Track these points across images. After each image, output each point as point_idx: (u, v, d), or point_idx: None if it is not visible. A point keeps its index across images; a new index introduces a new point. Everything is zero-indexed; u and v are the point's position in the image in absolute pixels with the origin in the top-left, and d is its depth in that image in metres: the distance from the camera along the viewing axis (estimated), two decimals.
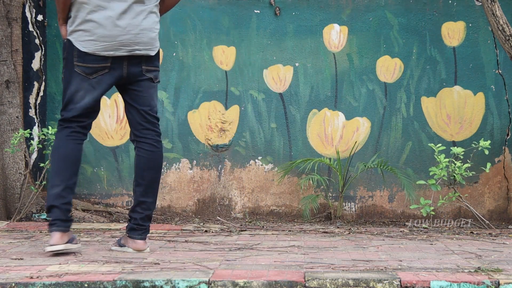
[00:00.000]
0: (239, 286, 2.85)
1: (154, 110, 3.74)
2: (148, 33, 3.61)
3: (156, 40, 3.67)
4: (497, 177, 5.50)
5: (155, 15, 3.66)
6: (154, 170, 3.70)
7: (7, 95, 5.26)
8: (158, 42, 3.68)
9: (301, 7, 5.55)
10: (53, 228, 3.53)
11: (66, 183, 3.56)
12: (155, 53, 3.67)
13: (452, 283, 2.86)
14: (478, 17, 5.49)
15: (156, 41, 3.67)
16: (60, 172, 3.59)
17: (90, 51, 3.55)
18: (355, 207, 5.55)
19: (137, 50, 3.60)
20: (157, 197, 3.75)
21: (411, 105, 5.55)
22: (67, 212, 3.56)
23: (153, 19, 3.65)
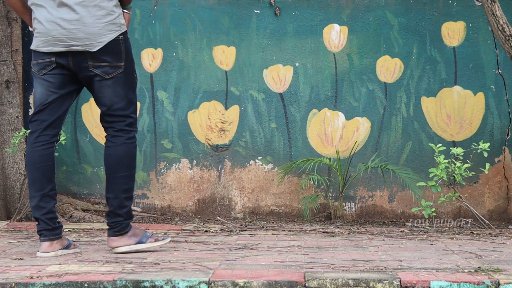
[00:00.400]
0: (239, 286, 2.85)
1: (113, 108, 3.59)
2: (84, 29, 3.50)
3: (101, 35, 3.50)
4: (497, 177, 5.50)
5: (98, 8, 3.50)
6: (109, 166, 3.61)
7: (7, 95, 5.26)
8: (105, 36, 3.51)
9: (301, 7, 5.55)
10: (41, 238, 3.58)
11: (42, 192, 3.55)
12: (98, 48, 3.52)
13: (452, 283, 2.86)
14: (478, 17, 5.49)
15: (100, 36, 3.51)
16: (34, 182, 3.57)
17: (34, 48, 3.59)
18: (355, 207, 5.55)
19: (74, 46, 3.52)
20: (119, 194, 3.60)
21: (411, 105, 5.55)
22: (51, 220, 3.55)
23: (94, 13, 3.50)
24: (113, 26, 3.55)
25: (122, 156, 3.61)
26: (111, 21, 3.54)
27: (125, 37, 3.61)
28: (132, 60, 3.67)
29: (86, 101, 5.64)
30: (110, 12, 3.54)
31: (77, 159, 5.63)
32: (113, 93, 3.58)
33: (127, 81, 3.62)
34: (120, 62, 3.57)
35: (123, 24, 3.60)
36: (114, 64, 3.56)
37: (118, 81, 3.58)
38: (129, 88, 3.63)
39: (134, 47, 5.57)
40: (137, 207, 5.60)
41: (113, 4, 3.55)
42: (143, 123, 5.61)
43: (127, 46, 3.63)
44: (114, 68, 3.56)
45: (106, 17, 3.53)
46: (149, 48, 5.62)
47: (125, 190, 3.62)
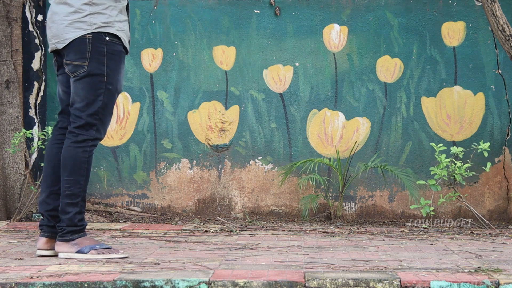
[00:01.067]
0: (239, 286, 2.85)
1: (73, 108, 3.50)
2: (55, 26, 3.50)
3: (66, 33, 3.45)
4: (497, 177, 5.50)
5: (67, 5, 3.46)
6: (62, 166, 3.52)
7: (7, 95, 5.26)
8: (70, 34, 3.44)
9: (301, 7, 5.55)
10: (40, 233, 3.57)
11: (50, 189, 3.55)
12: (63, 46, 3.46)
13: (452, 283, 2.86)
14: (478, 17, 5.49)
15: (66, 34, 3.45)
16: (46, 177, 3.58)
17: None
18: (355, 207, 5.55)
19: (52, 44, 3.55)
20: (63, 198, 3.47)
21: (411, 105, 5.55)
22: (54, 218, 3.54)
23: (62, 10, 3.47)
24: (81, 24, 3.45)
25: (66, 158, 3.48)
26: (78, 19, 3.45)
27: (96, 38, 3.46)
28: (104, 63, 3.47)
29: None
30: (78, 10, 3.46)
31: None
32: (74, 92, 3.49)
33: (91, 82, 3.46)
34: (83, 62, 3.45)
35: (94, 24, 3.46)
36: (76, 62, 3.47)
37: (80, 80, 3.47)
38: (91, 89, 3.46)
39: (134, 47, 5.58)
40: (137, 207, 5.61)
41: (84, 2, 3.46)
42: (143, 123, 5.62)
43: (97, 47, 3.46)
44: (76, 67, 3.47)
45: (74, 14, 3.46)
46: (149, 48, 5.62)
47: (68, 195, 3.47)
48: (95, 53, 3.45)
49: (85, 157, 3.49)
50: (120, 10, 3.55)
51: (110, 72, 3.49)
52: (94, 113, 3.47)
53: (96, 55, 3.45)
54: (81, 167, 3.49)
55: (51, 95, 5.63)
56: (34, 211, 5.17)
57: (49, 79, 5.63)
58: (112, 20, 3.50)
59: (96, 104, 3.47)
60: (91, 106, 3.47)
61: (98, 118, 3.49)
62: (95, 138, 3.50)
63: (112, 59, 3.49)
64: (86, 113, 3.46)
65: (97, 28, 3.46)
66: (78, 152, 3.48)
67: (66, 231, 3.47)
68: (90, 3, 3.47)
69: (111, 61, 3.49)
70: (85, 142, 3.48)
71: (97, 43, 3.45)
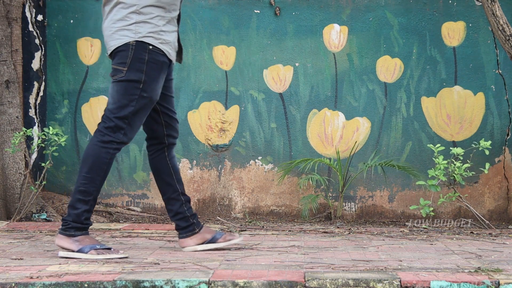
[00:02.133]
0: (239, 286, 2.85)
1: (106, 108, 3.56)
2: (105, 33, 3.59)
3: (112, 39, 3.53)
4: (497, 177, 5.50)
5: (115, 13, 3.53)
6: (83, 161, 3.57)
7: (7, 95, 5.26)
8: (116, 40, 3.52)
9: (301, 7, 5.55)
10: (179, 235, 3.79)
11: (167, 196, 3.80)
12: (110, 52, 3.56)
13: (452, 283, 2.86)
14: (478, 17, 5.49)
15: (112, 40, 3.53)
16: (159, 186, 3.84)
17: None
18: (355, 207, 5.55)
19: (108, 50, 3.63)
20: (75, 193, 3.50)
21: (411, 105, 5.55)
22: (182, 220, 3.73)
23: (111, 17, 3.54)
24: (127, 32, 3.52)
25: (89, 155, 3.51)
26: (124, 27, 3.52)
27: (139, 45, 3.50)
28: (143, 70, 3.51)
29: (86, 101, 5.64)
30: (125, 17, 3.52)
31: (77, 159, 5.63)
32: (110, 93, 3.57)
33: (127, 87, 3.51)
34: (122, 67, 3.52)
35: (139, 33, 3.51)
36: (117, 67, 3.54)
37: (117, 83, 3.54)
38: (125, 94, 3.51)
39: None
40: (137, 207, 5.61)
41: (131, 11, 3.51)
42: None
43: (139, 55, 3.50)
44: (116, 70, 3.54)
45: (120, 22, 3.52)
46: None
47: (81, 191, 3.49)
48: (136, 60, 3.51)
49: (107, 159, 3.52)
50: (168, 21, 3.59)
51: (147, 80, 3.52)
52: (124, 117, 3.51)
53: (136, 62, 3.51)
54: (101, 167, 3.51)
55: (51, 95, 5.63)
56: (34, 211, 5.17)
57: (49, 79, 5.63)
58: (159, 30, 3.55)
59: (128, 109, 3.51)
60: (122, 109, 3.51)
61: (127, 122, 3.52)
62: (120, 141, 3.53)
63: (152, 68, 3.53)
64: (116, 115, 3.51)
65: (142, 37, 3.51)
66: (102, 152, 3.51)
67: (70, 226, 3.49)
68: (138, 11, 3.52)
69: (151, 69, 3.53)
70: (110, 144, 3.51)
71: (139, 50, 3.51)
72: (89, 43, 5.64)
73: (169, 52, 3.58)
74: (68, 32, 5.64)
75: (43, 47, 5.57)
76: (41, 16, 5.57)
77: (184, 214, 3.72)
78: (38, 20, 5.55)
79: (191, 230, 3.72)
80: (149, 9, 3.52)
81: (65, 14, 5.63)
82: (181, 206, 3.72)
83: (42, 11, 5.57)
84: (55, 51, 5.64)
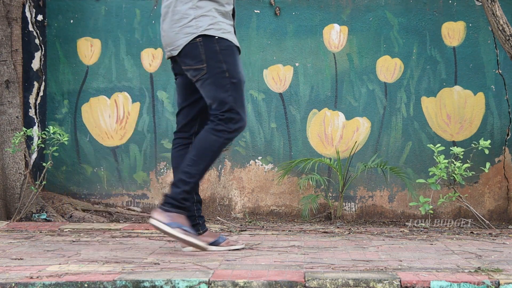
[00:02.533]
0: (239, 286, 2.85)
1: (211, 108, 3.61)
2: (166, 34, 3.63)
3: (178, 39, 3.58)
4: (497, 177, 5.50)
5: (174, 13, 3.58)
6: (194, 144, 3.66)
7: (7, 95, 5.26)
8: (181, 40, 3.56)
9: (301, 7, 5.55)
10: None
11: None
12: (178, 52, 3.59)
13: (452, 283, 2.86)
14: (478, 17, 5.49)
15: (177, 40, 3.57)
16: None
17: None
18: (355, 207, 5.55)
19: (167, 52, 3.68)
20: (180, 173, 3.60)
21: (411, 105, 5.55)
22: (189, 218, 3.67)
23: (171, 17, 3.59)
24: (188, 29, 3.56)
25: (201, 139, 3.59)
26: (185, 25, 3.56)
27: (205, 39, 3.54)
28: (221, 60, 3.55)
29: (86, 101, 5.64)
30: (184, 15, 3.56)
31: (77, 159, 5.63)
32: (205, 95, 3.62)
33: (215, 82, 3.56)
34: (200, 64, 3.56)
35: (200, 27, 3.54)
36: (195, 66, 3.58)
37: (204, 82, 3.58)
38: (218, 88, 3.56)
39: (134, 47, 5.59)
40: (137, 207, 5.61)
41: (188, 7, 3.56)
42: (143, 123, 5.62)
43: (210, 47, 3.55)
44: (196, 70, 3.58)
45: (181, 21, 3.57)
46: (149, 48, 5.62)
47: (185, 172, 3.58)
48: (210, 53, 3.55)
49: (216, 147, 3.59)
50: (223, 14, 3.63)
51: (229, 67, 3.57)
52: (229, 109, 3.57)
53: (211, 55, 3.55)
54: (207, 154, 3.58)
55: (51, 95, 5.63)
56: (34, 211, 5.17)
57: (49, 79, 5.63)
58: (218, 21, 3.59)
59: (228, 100, 3.57)
60: (224, 104, 3.56)
61: (234, 111, 3.58)
62: (234, 130, 3.60)
63: (227, 54, 3.58)
64: (221, 111, 3.57)
65: (204, 30, 3.55)
66: (213, 139, 3.58)
67: (167, 201, 3.58)
68: (194, 6, 3.56)
69: (227, 56, 3.58)
70: (221, 132, 3.59)
71: (208, 43, 3.55)
72: (89, 43, 5.64)
73: (233, 40, 3.62)
74: (68, 32, 5.64)
75: (43, 47, 5.57)
76: (41, 16, 5.57)
77: (192, 212, 3.73)
78: (38, 20, 5.55)
79: (196, 230, 3.72)
80: (204, 3, 3.57)
81: (65, 14, 5.63)
82: (192, 204, 3.73)
83: (42, 11, 5.57)
84: (55, 51, 5.64)
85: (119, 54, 5.63)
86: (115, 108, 5.62)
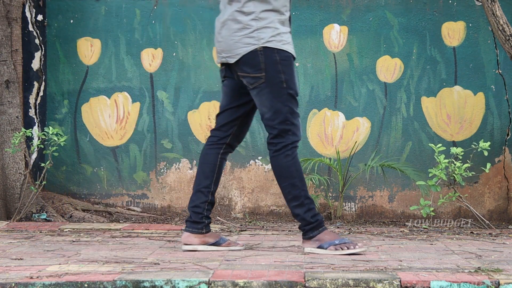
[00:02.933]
0: (239, 286, 2.85)
1: (264, 118, 3.65)
2: (224, 41, 3.66)
3: (237, 48, 3.61)
4: (497, 177, 5.50)
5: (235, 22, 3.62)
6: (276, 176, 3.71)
7: (7, 95, 5.26)
8: (240, 49, 3.60)
9: (301, 7, 5.55)
10: (183, 228, 3.82)
11: (196, 187, 3.75)
12: (235, 60, 3.62)
13: (452, 283, 2.86)
14: (478, 17, 5.49)
15: (236, 49, 3.61)
16: (196, 177, 3.80)
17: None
18: (355, 207, 5.55)
19: (222, 58, 3.69)
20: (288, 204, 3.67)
21: (411, 105, 5.55)
22: (196, 214, 3.72)
23: (232, 26, 3.63)
24: (250, 39, 3.59)
25: (274, 167, 3.67)
26: (247, 35, 3.60)
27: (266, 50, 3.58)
28: (280, 71, 3.58)
29: (86, 101, 5.64)
30: (246, 25, 3.60)
31: (77, 159, 5.63)
32: (260, 103, 3.64)
33: (273, 91, 3.59)
34: (259, 73, 3.58)
35: (262, 38, 3.57)
36: (254, 75, 3.60)
37: (262, 91, 3.60)
38: (275, 98, 3.58)
39: (134, 47, 5.59)
40: (137, 207, 5.61)
41: (251, 18, 3.59)
42: (143, 123, 5.62)
43: (270, 57, 3.58)
44: (254, 78, 3.60)
45: (242, 30, 3.60)
46: (149, 48, 5.62)
47: (291, 199, 3.63)
48: (270, 62, 3.59)
49: (289, 161, 3.64)
50: (283, 22, 3.66)
51: (287, 78, 3.61)
52: (284, 120, 3.61)
53: (271, 65, 3.59)
54: (289, 171, 3.64)
55: (51, 95, 5.63)
56: (34, 211, 5.17)
57: (49, 79, 5.63)
58: (279, 32, 3.63)
59: (284, 111, 3.60)
60: (279, 114, 3.60)
61: (289, 123, 3.62)
62: (292, 142, 3.64)
63: (285, 65, 3.61)
64: (276, 122, 3.61)
65: (265, 42, 3.59)
66: (281, 159, 3.65)
67: (305, 230, 3.64)
68: (257, 18, 3.60)
69: (285, 67, 3.61)
70: (284, 149, 3.64)
71: (268, 53, 3.59)
72: (89, 43, 5.64)
73: (292, 51, 3.67)
74: (68, 32, 5.64)
75: (43, 47, 5.57)
76: (41, 16, 5.57)
77: (201, 210, 3.75)
78: (38, 20, 5.55)
79: (198, 228, 3.73)
80: (266, 14, 3.61)
81: (65, 14, 5.63)
82: (204, 203, 3.75)
83: (42, 11, 5.57)
84: (55, 51, 5.64)
85: (119, 54, 5.63)
86: (115, 108, 5.62)
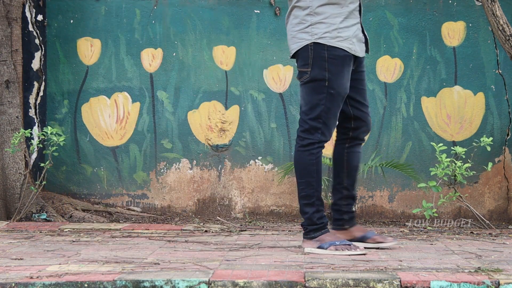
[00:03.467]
0: (239, 286, 2.85)
1: (301, 110, 3.68)
2: (288, 36, 3.73)
3: (292, 43, 3.67)
4: (497, 177, 5.50)
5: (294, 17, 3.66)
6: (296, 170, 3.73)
7: (7, 95, 5.26)
8: (295, 44, 3.65)
9: None
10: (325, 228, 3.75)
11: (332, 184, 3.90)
12: (292, 54, 3.71)
13: (452, 283, 2.86)
14: (478, 17, 5.49)
15: (292, 44, 3.68)
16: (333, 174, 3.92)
17: None
18: (355, 207, 5.54)
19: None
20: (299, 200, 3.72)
21: (411, 105, 5.55)
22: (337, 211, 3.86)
23: (291, 20, 3.67)
24: (304, 34, 3.62)
25: (296, 161, 3.68)
26: (302, 30, 3.63)
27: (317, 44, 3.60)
28: (325, 68, 3.60)
29: (86, 101, 5.64)
30: (301, 21, 3.63)
31: (77, 159, 5.63)
32: (301, 96, 3.69)
33: (314, 87, 3.61)
34: (306, 68, 3.63)
35: (315, 34, 3.59)
36: (302, 69, 3.67)
37: (305, 85, 3.65)
38: (314, 94, 3.61)
39: (134, 47, 5.59)
40: (137, 207, 5.61)
41: (306, 13, 3.61)
42: (143, 123, 5.62)
43: (318, 53, 3.60)
44: (301, 73, 3.67)
45: (298, 25, 3.64)
46: (149, 48, 5.62)
47: (303, 196, 3.67)
48: (317, 59, 3.61)
49: (313, 160, 3.65)
50: (346, 16, 3.64)
51: (331, 77, 3.61)
52: (317, 117, 3.62)
53: (318, 61, 3.61)
54: (310, 169, 3.66)
55: (51, 95, 5.63)
56: (34, 211, 5.17)
57: (49, 79, 5.63)
58: (335, 28, 3.61)
59: (319, 108, 3.62)
60: (314, 110, 3.62)
61: (321, 121, 3.63)
62: (320, 141, 3.65)
63: (333, 64, 3.61)
64: (309, 117, 3.63)
65: (318, 38, 3.60)
66: (305, 155, 3.65)
67: (308, 230, 3.67)
68: (312, 13, 3.61)
69: (333, 66, 3.61)
70: (310, 146, 3.65)
71: (318, 49, 3.61)
72: (89, 43, 5.64)
73: (349, 47, 3.63)
74: (68, 32, 5.64)
75: (43, 47, 5.57)
76: (41, 16, 5.57)
77: (338, 207, 3.82)
78: (38, 20, 5.55)
79: (340, 224, 3.82)
80: (323, 9, 3.60)
81: (65, 14, 5.63)
82: (340, 199, 3.81)
83: (42, 11, 5.57)
84: (55, 51, 5.64)
85: (119, 54, 5.63)
86: (115, 108, 5.62)
